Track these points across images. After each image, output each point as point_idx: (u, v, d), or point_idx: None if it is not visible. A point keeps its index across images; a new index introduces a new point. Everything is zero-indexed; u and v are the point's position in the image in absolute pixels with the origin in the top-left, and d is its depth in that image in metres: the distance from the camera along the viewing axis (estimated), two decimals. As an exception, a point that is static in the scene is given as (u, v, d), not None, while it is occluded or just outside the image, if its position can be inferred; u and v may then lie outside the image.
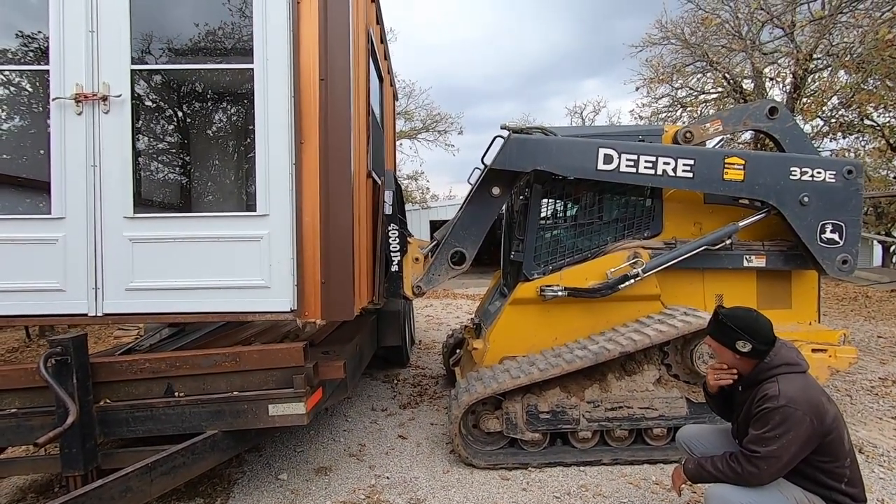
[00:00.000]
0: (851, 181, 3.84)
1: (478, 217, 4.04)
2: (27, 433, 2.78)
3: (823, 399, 2.14)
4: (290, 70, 3.06)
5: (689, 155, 3.78)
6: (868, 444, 3.71)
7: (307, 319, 3.12)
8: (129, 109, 3.05)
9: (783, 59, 13.87)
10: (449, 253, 4.03)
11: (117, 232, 3.05)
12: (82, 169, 3.02)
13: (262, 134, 3.07)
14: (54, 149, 3.00)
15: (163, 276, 3.07)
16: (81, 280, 3.03)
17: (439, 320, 10.11)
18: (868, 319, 8.92)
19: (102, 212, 3.04)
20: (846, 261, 3.87)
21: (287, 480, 3.37)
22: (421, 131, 24.59)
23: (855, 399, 4.72)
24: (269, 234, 3.08)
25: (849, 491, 2.12)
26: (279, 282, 3.08)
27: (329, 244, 3.12)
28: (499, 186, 3.97)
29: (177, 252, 3.08)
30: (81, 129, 3.01)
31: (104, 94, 3.01)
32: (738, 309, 2.38)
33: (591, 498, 3.07)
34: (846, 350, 3.74)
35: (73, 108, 3.00)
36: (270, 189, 3.08)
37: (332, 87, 3.12)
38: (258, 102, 3.07)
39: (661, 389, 3.55)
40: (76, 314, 3.06)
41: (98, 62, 3.02)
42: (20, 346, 7.95)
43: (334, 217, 3.13)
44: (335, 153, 3.14)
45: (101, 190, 3.04)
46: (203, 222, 3.15)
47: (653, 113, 16.91)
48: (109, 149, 3.04)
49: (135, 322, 3.42)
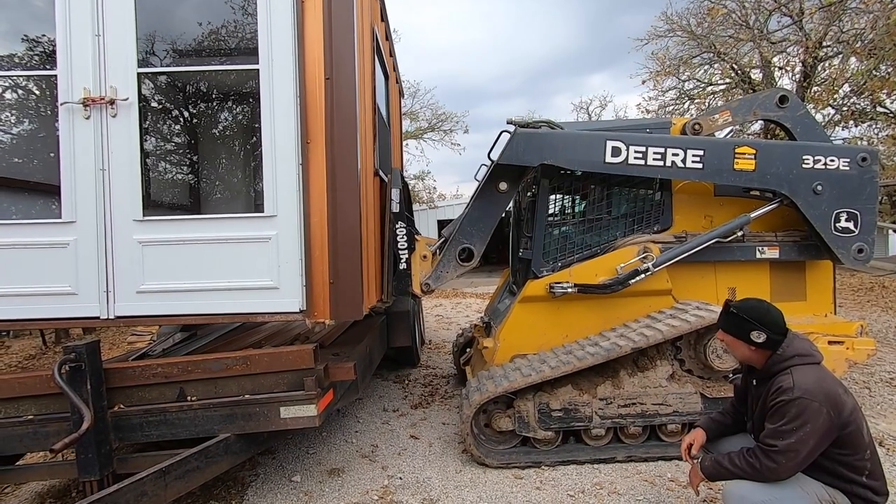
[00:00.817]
0: (866, 168, 3.77)
1: (485, 213, 4.02)
2: (43, 439, 2.81)
3: (840, 390, 2.09)
4: (295, 69, 3.06)
5: (698, 146, 3.73)
6: (889, 437, 3.64)
7: (316, 320, 3.12)
8: (136, 113, 3.07)
9: (792, 48, 13.67)
10: (457, 250, 4.02)
11: (127, 235, 3.07)
12: (91, 173, 3.04)
13: (269, 134, 3.08)
14: (63, 153, 3.03)
15: (173, 279, 3.09)
16: (93, 283, 3.06)
17: (449, 320, 10.10)
18: (886, 310, 8.76)
19: (112, 215, 3.07)
20: (862, 250, 3.79)
21: (300, 482, 3.38)
22: (426, 131, 24.61)
23: (874, 391, 4.63)
24: (277, 234, 3.08)
25: (870, 484, 2.08)
26: (288, 282, 3.09)
27: (337, 244, 3.12)
28: (506, 182, 3.95)
29: (186, 254, 3.09)
30: (90, 134, 3.04)
31: (112, 98, 3.03)
32: (749, 300, 2.35)
33: (605, 496, 3.04)
34: (864, 342, 3.67)
35: (82, 112, 3.02)
36: (278, 190, 3.08)
37: (338, 86, 3.12)
38: (264, 103, 3.08)
39: (675, 385, 3.51)
40: (88, 317, 3.09)
41: (105, 66, 3.05)
42: (37, 353, 8.07)
43: (342, 216, 3.13)
44: (342, 152, 3.13)
45: (111, 193, 3.06)
46: (211, 224, 3.17)
47: (660, 106, 16.77)
48: (118, 152, 3.06)
49: (146, 324, 3.44)
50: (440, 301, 13.14)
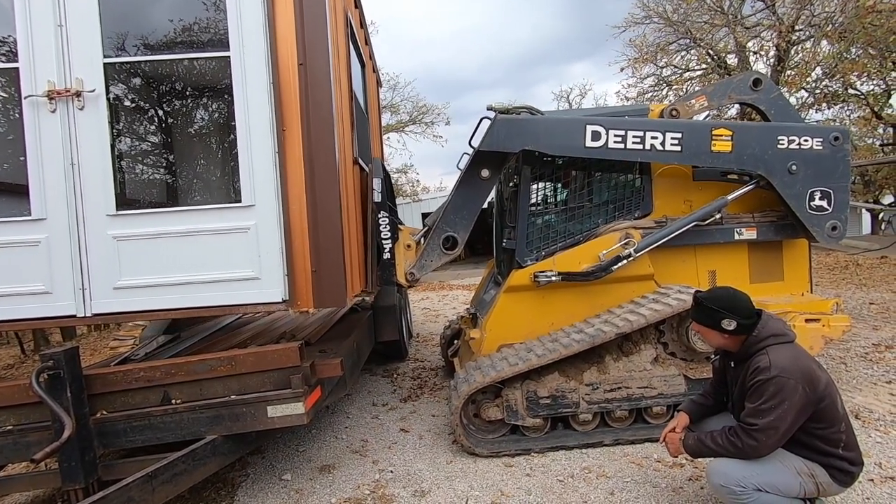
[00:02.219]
0: (838, 148, 3.85)
1: (468, 201, 4.01)
2: (24, 450, 2.75)
3: (814, 366, 2.16)
4: (267, 56, 3.00)
5: (676, 128, 3.77)
6: (864, 409, 3.76)
7: (300, 309, 3.09)
8: (104, 104, 2.98)
9: (766, 33, 13.87)
10: (441, 238, 4.01)
11: (101, 230, 3.00)
12: (61, 168, 2.95)
13: (243, 123, 3.01)
14: (30, 148, 2.93)
15: (150, 273, 3.02)
16: (67, 281, 2.98)
17: (436, 312, 10.12)
18: (860, 287, 9.02)
19: (84, 211, 2.98)
20: (835, 227, 3.89)
21: (291, 480, 3.37)
22: (408, 124, 24.46)
23: (850, 366, 4.77)
24: (256, 224, 3.03)
25: (846, 455, 2.15)
26: (269, 272, 3.04)
27: (318, 231, 3.08)
28: (488, 169, 3.94)
29: (163, 248, 3.03)
30: (57, 127, 2.94)
31: (77, 90, 2.93)
32: (716, 289, 2.42)
33: (594, 479, 3.09)
34: (839, 319, 3.77)
35: (47, 105, 2.92)
36: (255, 179, 3.02)
37: (312, 72, 3.07)
38: (237, 91, 3.01)
39: (659, 368, 3.57)
40: (64, 316, 3.01)
41: (69, 57, 2.95)
42: (16, 362, 7.88)
43: (321, 203, 3.09)
44: (319, 138, 3.09)
45: (82, 188, 2.97)
46: (187, 216, 3.09)
47: (639, 93, 16.91)
48: (87, 146, 2.97)
49: (125, 321, 3.37)
50: (427, 294, 13.15)
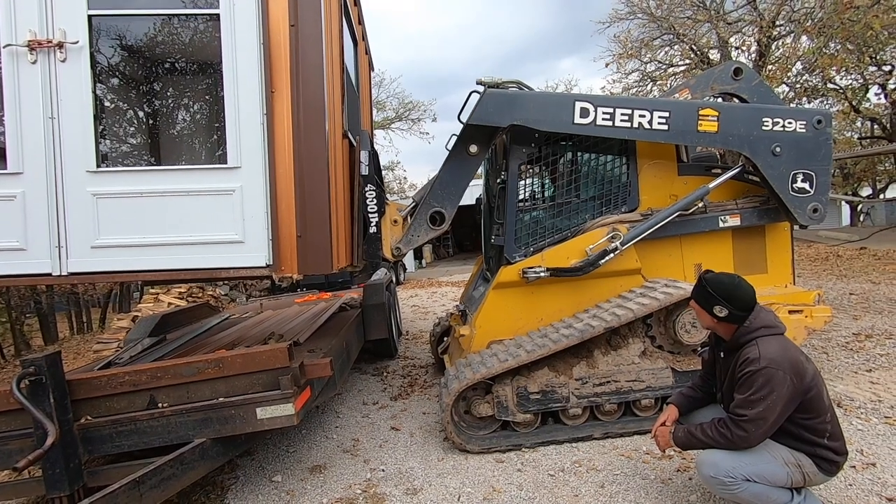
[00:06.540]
0: (821, 130, 3.90)
1: (456, 176, 3.98)
2: (6, 458, 2.69)
3: (802, 358, 2.19)
4: (258, 15, 2.96)
5: (664, 107, 3.80)
6: (846, 397, 3.84)
7: (283, 274, 3.06)
8: (87, 57, 2.90)
9: (747, 28, 14.04)
10: (428, 213, 3.97)
11: (80, 187, 2.92)
12: (39, 121, 2.88)
13: (231, 83, 2.96)
14: (7, 99, 2.86)
15: (131, 233, 2.96)
16: (43, 238, 2.92)
17: (425, 309, 10.11)
18: (840, 278, 9.21)
19: (63, 166, 2.91)
20: (816, 209, 3.94)
21: (282, 482, 3.34)
22: (394, 121, 24.34)
23: (831, 355, 4.87)
24: (241, 186, 2.99)
25: (831, 445, 2.19)
26: (253, 236, 3.00)
27: (304, 195, 3.03)
28: (476, 144, 3.91)
29: (145, 207, 2.96)
30: (37, 79, 2.87)
31: (60, 41, 2.86)
32: (723, 275, 2.41)
33: (584, 472, 3.12)
34: (821, 310, 3.84)
35: (27, 56, 2.84)
36: (241, 140, 2.97)
37: (303, 35, 3.02)
38: (225, 50, 2.96)
39: (647, 361, 3.61)
40: (39, 274, 2.95)
41: (52, 7, 2.87)
42: (-5, 368, 7.71)
43: (309, 166, 3.04)
44: (308, 102, 3.04)
45: (61, 143, 2.90)
46: (171, 175, 3.03)
47: (623, 88, 16.99)
48: (68, 99, 2.90)
49: (103, 280, 3.30)
50: (416, 291, 13.13)
